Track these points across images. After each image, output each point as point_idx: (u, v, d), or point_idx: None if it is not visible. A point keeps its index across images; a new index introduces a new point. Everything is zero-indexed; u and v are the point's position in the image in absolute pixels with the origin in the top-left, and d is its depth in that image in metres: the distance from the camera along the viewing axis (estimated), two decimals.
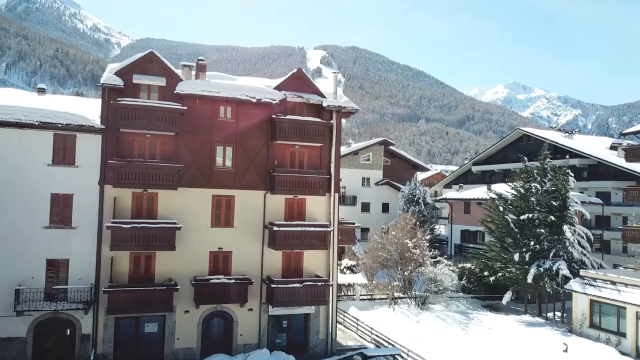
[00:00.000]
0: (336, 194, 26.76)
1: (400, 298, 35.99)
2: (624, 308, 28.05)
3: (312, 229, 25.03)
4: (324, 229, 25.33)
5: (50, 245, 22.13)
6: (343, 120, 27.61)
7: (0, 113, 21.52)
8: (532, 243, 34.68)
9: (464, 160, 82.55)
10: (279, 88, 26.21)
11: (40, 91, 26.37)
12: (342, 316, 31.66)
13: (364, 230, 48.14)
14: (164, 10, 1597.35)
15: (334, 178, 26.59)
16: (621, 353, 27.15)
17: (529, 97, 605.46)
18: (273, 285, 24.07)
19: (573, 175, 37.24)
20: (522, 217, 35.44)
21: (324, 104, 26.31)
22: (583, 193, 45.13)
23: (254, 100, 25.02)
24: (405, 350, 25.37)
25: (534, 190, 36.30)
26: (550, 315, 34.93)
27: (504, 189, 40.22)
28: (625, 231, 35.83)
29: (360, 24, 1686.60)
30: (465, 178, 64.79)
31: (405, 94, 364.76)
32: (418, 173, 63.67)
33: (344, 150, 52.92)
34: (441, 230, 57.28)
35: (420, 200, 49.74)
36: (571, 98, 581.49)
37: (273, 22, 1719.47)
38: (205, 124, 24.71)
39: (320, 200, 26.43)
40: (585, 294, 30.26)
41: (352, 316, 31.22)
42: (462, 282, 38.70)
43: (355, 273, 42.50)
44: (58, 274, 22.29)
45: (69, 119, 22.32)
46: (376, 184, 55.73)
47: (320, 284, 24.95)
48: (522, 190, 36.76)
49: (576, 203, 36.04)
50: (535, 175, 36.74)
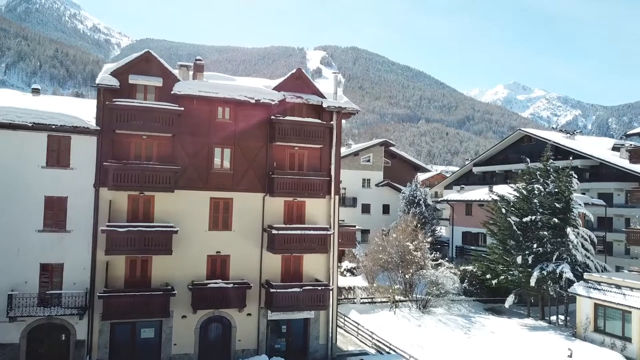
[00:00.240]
0: (336, 197, 26.28)
1: (401, 301, 35.52)
2: (629, 312, 27.54)
3: (312, 232, 24.55)
4: (324, 232, 24.85)
5: (44, 249, 21.64)
6: (343, 121, 27.15)
7: None
8: (535, 246, 34.18)
9: (465, 161, 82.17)
10: (278, 88, 25.74)
11: (35, 92, 25.92)
12: (343, 320, 31.18)
13: (365, 232, 47.72)
14: (164, 11, 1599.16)
15: (334, 180, 26.10)
16: (627, 358, 26.63)
17: (529, 98, 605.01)
18: (272, 290, 23.59)
19: (577, 177, 36.74)
20: (525, 219, 34.95)
21: (324, 105, 25.84)
22: (585, 194, 44.67)
23: (253, 101, 24.55)
24: (407, 356, 24.89)
25: (536, 192, 35.80)
26: (553, 318, 34.46)
27: (506, 190, 39.74)
28: (630, 233, 35.38)
29: (360, 24, 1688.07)
30: (466, 179, 64.35)
31: (405, 95, 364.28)
32: (418, 174, 63.23)
33: (344, 151, 52.48)
34: (442, 231, 56.81)
35: (421, 202, 49.28)
36: (571, 98, 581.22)
37: (273, 23, 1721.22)
38: (203, 125, 24.23)
39: (320, 202, 25.95)
40: (589, 297, 29.76)
41: (353, 320, 30.73)
42: (464, 285, 38.22)
43: (356, 275, 42.04)
44: (52, 279, 21.81)
45: (63, 120, 21.85)
46: (376, 185, 55.27)
47: (320, 288, 24.46)
48: (525, 192, 36.27)
49: (580, 205, 35.54)
50: (538, 177, 36.25)
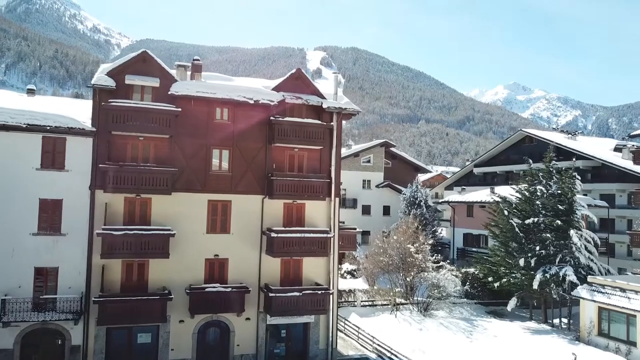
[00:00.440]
0: (337, 199, 25.84)
1: (402, 304, 35.10)
2: (634, 316, 27.13)
3: (312, 235, 24.12)
4: (324, 235, 24.42)
5: (38, 252, 21.20)
6: (343, 122, 26.71)
7: None
8: (538, 248, 33.74)
9: (465, 162, 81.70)
10: (277, 89, 25.31)
11: (30, 92, 25.48)
12: (343, 323, 30.75)
13: (365, 234, 47.24)
14: (164, 11, 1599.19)
15: (335, 182, 25.67)
16: None
17: (529, 98, 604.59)
18: (271, 294, 23.14)
19: (580, 178, 36.30)
20: (527, 221, 34.51)
21: (324, 106, 25.42)
22: (586, 195, 44.27)
23: (252, 102, 24.13)
24: None
25: (539, 193, 35.39)
26: (556, 321, 34.04)
27: (507, 191, 39.33)
28: (634, 235, 35.07)
29: (360, 25, 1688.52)
30: (467, 180, 64.00)
31: (405, 95, 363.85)
32: (419, 175, 62.80)
33: (344, 152, 52.01)
34: (443, 233, 56.36)
35: (422, 203, 48.83)
36: (571, 99, 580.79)
37: (273, 23, 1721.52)
38: (201, 126, 23.80)
39: (320, 205, 25.51)
40: (593, 301, 29.34)
41: (353, 324, 30.29)
42: (466, 288, 37.79)
43: (356, 278, 41.59)
44: (47, 283, 21.37)
45: (58, 121, 21.42)
46: (377, 186, 54.83)
47: (320, 292, 24.02)
48: (527, 194, 35.86)
49: (583, 207, 35.10)
50: (541, 178, 35.83)
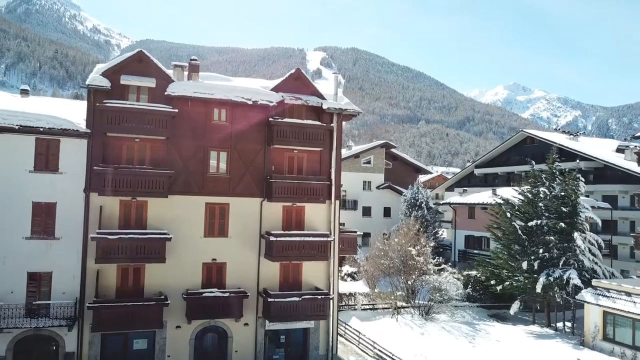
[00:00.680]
0: (337, 201, 25.36)
1: (403, 307, 34.60)
2: None
3: (312, 238, 23.63)
4: (324, 239, 23.92)
5: (31, 257, 20.73)
6: (343, 123, 26.22)
7: None
8: (541, 251, 33.21)
9: (466, 163, 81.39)
10: (276, 89, 24.83)
11: (24, 93, 24.97)
12: (343, 328, 30.23)
13: (365, 235, 46.68)
14: (164, 12, 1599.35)
15: (335, 184, 25.19)
16: None
17: (529, 99, 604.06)
18: (270, 299, 22.66)
19: (583, 180, 35.79)
20: (530, 224, 34.01)
21: (324, 106, 24.93)
22: (588, 197, 43.79)
23: (250, 102, 23.66)
24: None
25: (542, 195, 34.88)
26: (559, 325, 33.53)
27: (510, 193, 38.84)
28: (638, 237, 34.55)
29: (360, 25, 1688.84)
30: (468, 181, 63.55)
31: (405, 96, 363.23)
32: (420, 176, 62.30)
33: (344, 153, 51.43)
34: (444, 234, 55.84)
35: (423, 205, 48.31)
36: (571, 99, 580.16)
37: (273, 24, 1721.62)
38: (198, 127, 23.33)
39: (320, 207, 25.03)
40: (598, 305, 28.81)
41: (354, 328, 29.76)
42: (467, 291, 37.26)
43: (357, 280, 41.12)
44: (40, 288, 20.89)
45: (51, 123, 20.96)
46: (377, 187, 54.32)
47: (320, 297, 23.54)
48: (530, 195, 35.34)
49: (587, 209, 34.57)
50: (544, 180, 35.33)
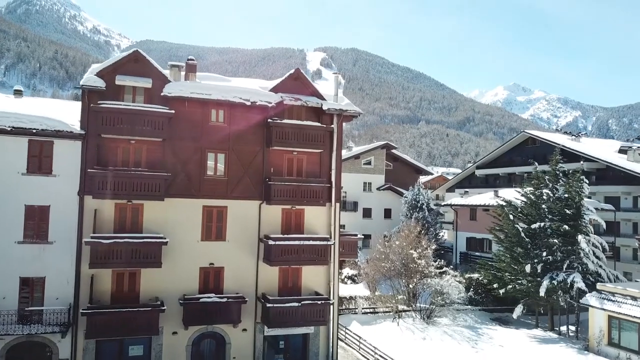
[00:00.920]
0: (337, 204, 24.83)
1: (404, 311, 34.10)
2: None
3: (311, 242, 23.09)
4: (324, 243, 23.39)
5: (24, 262, 20.19)
6: (343, 124, 25.71)
7: None
8: (545, 254, 32.73)
9: (466, 163, 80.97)
10: (275, 90, 24.32)
11: (17, 93, 24.45)
12: (344, 332, 29.73)
13: (366, 237, 46.10)
14: (164, 12, 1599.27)
15: (335, 187, 24.67)
16: None
17: (529, 99, 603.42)
18: (269, 305, 22.13)
19: (587, 182, 35.26)
20: (534, 226, 33.51)
21: (324, 107, 24.41)
22: (591, 198, 43.32)
23: (248, 103, 23.15)
24: None
25: (545, 197, 34.39)
26: (563, 329, 33.01)
27: (512, 195, 38.33)
28: None
29: (360, 26, 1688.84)
30: (469, 181, 63.11)
31: (405, 96, 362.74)
32: (420, 177, 61.79)
33: (344, 154, 50.82)
34: (444, 236, 55.32)
35: (424, 206, 47.80)
36: (571, 100, 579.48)
37: (273, 24, 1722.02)
38: (195, 129, 22.80)
39: (320, 210, 24.51)
40: (603, 309, 28.32)
41: (354, 333, 29.25)
42: (469, 294, 36.74)
43: (357, 283, 40.63)
44: (33, 294, 20.36)
45: (45, 124, 20.44)
46: (378, 189, 53.83)
47: (320, 302, 22.99)
48: (533, 197, 34.84)
49: (591, 211, 34.03)
50: (547, 182, 34.82)
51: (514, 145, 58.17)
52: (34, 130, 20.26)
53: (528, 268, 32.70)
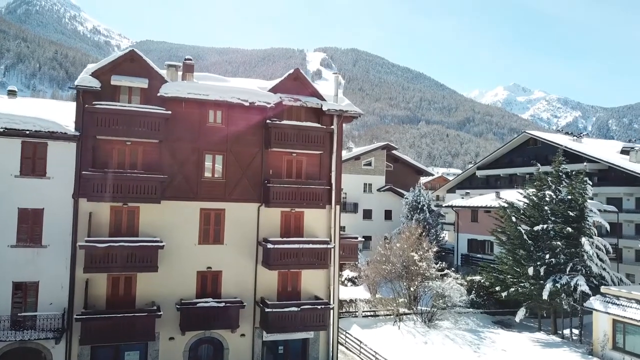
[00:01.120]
0: (337, 206, 24.40)
1: (405, 314, 33.64)
2: None
3: (311, 245, 22.67)
4: (324, 246, 22.96)
5: (17, 266, 19.78)
6: (344, 124, 25.27)
7: None
8: (548, 256, 32.27)
9: (467, 164, 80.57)
10: (274, 90, 23.89)
11: (11, 94, 24.02)
12: (344, 336, 29.28)
13: (366, 239, 45.73)
14: (164, 12, 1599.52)
15: (335, 189, 24.23)
16: None
17: (529, 99, 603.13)
18: (267, 310, 21.70)
19: (591, 183, 34.82)
20: (536, 228, 33.06)
21: (324, 108, 23.99)
22: (593, 199, 42.91)
23: (247, 104, 22.72)
24: None
25: (548, 198, 33.95)
26: (566, 332, 32.57)
27: (514, 196, 37.88)
28: None
29: (360, 26, 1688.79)
30: (470, 182, 62.67)
31: (405, 96, 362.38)
32: (421, 178, 61.36)
33: (344, 155, 50.43)
34: (445, 237, 54.86)
35: (424, 208, 47.35)
36: (571, 100, 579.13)
37: (273, 24, 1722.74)
38: (193, 130, 22.38)
39: (319, 213, 24.08)
40: (607, 313, 27.88)
41: (355, 337, 28.79)
42: (471, 297, 36.29)
43: (357, 285, 40.17)
44: (26, 299, 19.94)
45: (38, 125, 20.02)
46: (378, 190, 53.41)
47: (319, 307, 22.57)
48: (535, 199, 34.39)
49: (595, 213, 33.59)
50: (550, 183, 34.37)
51: (515, 146, 57.76)
52: (27, 132, 19.84)
53: (531, 271, 32.24)
